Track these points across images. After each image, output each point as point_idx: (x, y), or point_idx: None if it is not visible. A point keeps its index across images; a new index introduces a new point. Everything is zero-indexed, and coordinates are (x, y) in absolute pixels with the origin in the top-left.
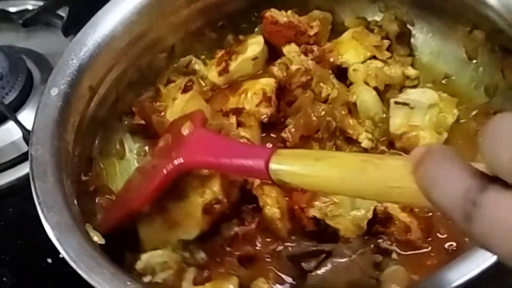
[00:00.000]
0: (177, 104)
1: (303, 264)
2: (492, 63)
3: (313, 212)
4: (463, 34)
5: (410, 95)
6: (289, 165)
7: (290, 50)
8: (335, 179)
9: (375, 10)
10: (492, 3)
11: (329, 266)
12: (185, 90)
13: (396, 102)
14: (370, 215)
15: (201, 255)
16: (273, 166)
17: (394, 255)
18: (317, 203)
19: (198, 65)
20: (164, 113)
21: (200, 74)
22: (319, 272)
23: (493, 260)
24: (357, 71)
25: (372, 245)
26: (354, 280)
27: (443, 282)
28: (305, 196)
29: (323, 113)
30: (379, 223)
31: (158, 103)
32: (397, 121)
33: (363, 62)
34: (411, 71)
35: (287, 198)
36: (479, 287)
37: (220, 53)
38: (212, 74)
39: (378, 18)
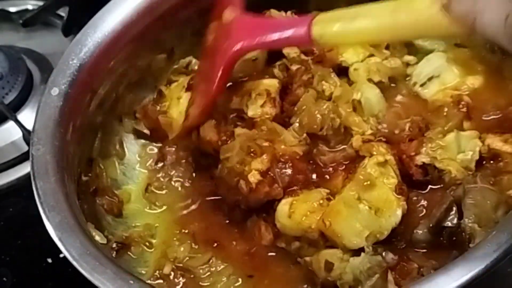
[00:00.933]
0: (182, 103)
1: (445, 225)
2: None
3: (422, 159)
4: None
5: (423, 68)
6: (330, 27)
7: (290, 51)
8: (372, 30)
9: None
10: None
11: (471, 196)
12: (189, 88)
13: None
14: (476, 156)
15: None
16: (315, 31)
17: None
18: (424, 149)
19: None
20: (169, 113)
21: None
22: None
23: (493, 260)
24: (358, 70)
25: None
26: (496, 202)
27: (443, 282)
28: (412, 144)
29: (326, 110)
30: (487, 160)
31: (161, 104)
32: (432, 90)
33: (362, 61)
34: (409, 57)
35: (394, 151)
36: (479, 287)
37: None
38: None
39: None
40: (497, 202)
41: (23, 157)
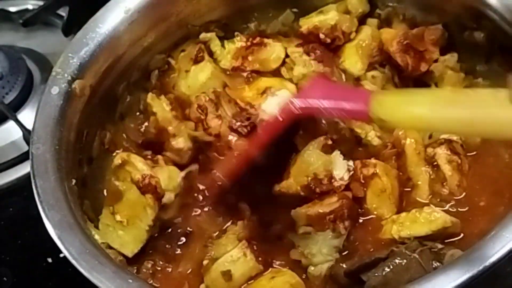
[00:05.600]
0: (191, 76)
1: (361, 276)
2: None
3: None
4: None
5: None
6: (390, 108)
7: (293, 50)
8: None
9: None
10: (492, 3)
11: (390, 266)
12: (196, 60)
13: None
14: None
15: None
16: (374, 109)
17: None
18: None
19: (215, 47)
20: (177, 85)
21: (215, 56)
22: (379, 273)
23: (494, 259)
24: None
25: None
26: (416, 278)
27: (443, 281)
28: None
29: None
30: None
31: (170, 77)
32: None
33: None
34: None
35: None
36: (479, 287)
37: (240, 42)
38: (226, 61)
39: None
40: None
41: (23, 157)
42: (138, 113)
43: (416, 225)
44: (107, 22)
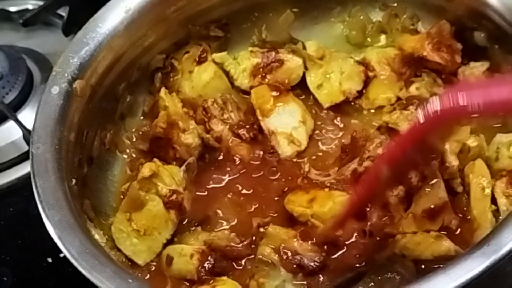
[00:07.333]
0: (194, 76)
1: None
2: None
3: None
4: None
5: None
6: None
7: None
8: None
9: (375, 9)
10: (492, 3)
11: (376, 278)
12: (200, 61)
13: None
14: None
15: None
16: None
17: None
18: None
19: (228, 66)
20: (181, 86)
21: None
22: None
23: (494, 259)
24: None
25: None
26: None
27: (443, 281)
28: None
29: None
30: None
31: (173, 78)
32: None
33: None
34: None
35: None
36: (479, 287)
37: (255, 59)
38: (243, 79)
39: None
40: None
41: (23, 157)
42: (141, 117)
43: (420, 248)
44: (107, 22)
